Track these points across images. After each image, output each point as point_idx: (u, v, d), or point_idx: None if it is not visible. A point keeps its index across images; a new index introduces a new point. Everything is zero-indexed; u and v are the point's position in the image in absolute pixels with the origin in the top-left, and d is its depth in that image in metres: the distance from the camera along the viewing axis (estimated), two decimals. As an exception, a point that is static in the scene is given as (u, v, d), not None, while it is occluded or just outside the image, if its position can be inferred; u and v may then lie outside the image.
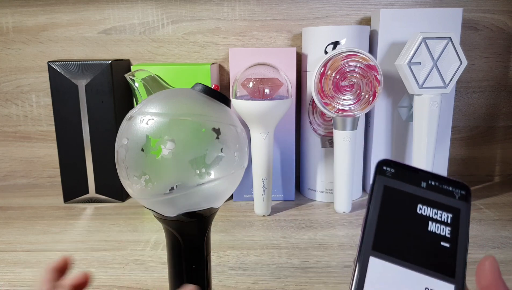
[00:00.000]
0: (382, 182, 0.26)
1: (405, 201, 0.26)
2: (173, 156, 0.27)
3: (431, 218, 0.25)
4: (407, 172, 0.26)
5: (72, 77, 0.65)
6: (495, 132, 0.78)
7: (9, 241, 0.56)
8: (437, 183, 0.26)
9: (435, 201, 0.26)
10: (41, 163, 0.80)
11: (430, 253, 0.24)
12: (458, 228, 0.25)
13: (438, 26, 0.64)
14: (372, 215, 0.25)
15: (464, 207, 0.26)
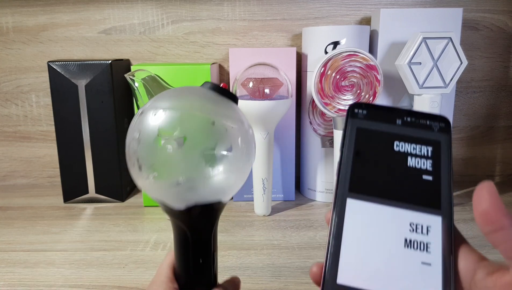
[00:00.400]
0: (355, 125, 0.25)
1: (380, 140, 0.24)
2: (183, 149, 0.28)
3: (410, 154, 0.24)
4: (380, 112, 0.25)
5: (72, 77, 0.65)
6: (495, 132, 0.78)
7: (9, 241, 0.56)
8: (413, 118, 0.25)
9: (413, 136, 0.24)
10: (41, 163, 0.80)
11: (412, 187, 0.23)
12: (440, 160, 0.24)
13: (438, 26, 0.64)
14: (346, 158, 0.24)
15: (444, 139, 0.24)
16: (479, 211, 0.21)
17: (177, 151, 0.28)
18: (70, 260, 0.51)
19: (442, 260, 0.22)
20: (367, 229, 0.22)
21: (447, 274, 0.22)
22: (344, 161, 0.24)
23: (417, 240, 0.22)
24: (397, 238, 0.22)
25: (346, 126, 0.25)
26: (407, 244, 0.22)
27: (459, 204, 0.67)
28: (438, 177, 0.23)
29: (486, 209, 0.21)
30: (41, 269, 0.49)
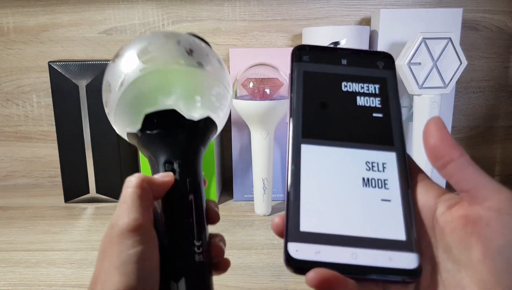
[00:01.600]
0: (301, 68, 0.25)
1: (327, 81, 0.24)
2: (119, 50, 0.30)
3: (358, 93, 0.24)
4: (325, 53, 0.25)
5: (73, 77, 0.65)
6: (495, 132, 0.78)
7: (10, 240, 0.57)
8: (358, 57, 0.25)
9: (359, 76, 0.24)
10: (42, 163, 0.81)
11: (364, 126, 0.23)
12: (388, 96, 0.24)
13: (438, 26, 0.64)
14: (296, 103, 0.24)
15: (390, 75, 0.25)
16: (428, 147, 0.22)
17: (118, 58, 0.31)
18: (71, 260, 0.51)
19: (400, 195, 0.22)
20: (324, 173, 0.22)
21: (407, 208, 0.22)
22: (294, 107, 0.24)
23: (374, 178, 0.22)
24: (355, 178, 0.22)
25: (292, 71, 0.25)
26: (365, 183, 0.22)
27: (459, 204, 0.67)
28: (388, 114, 0.24)
29: (435, 144, 0.21)
30: (42, 269, 0.49)
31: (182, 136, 0.29)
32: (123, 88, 0.29)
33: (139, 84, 0.28)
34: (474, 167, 0.21)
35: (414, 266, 0.20)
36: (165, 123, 0.28)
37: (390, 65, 0.25)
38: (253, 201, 0.65)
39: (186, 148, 0.29)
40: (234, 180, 0.70)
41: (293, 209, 0.21)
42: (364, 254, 0.20)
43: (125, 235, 0.23)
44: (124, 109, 0.29)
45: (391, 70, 0.25)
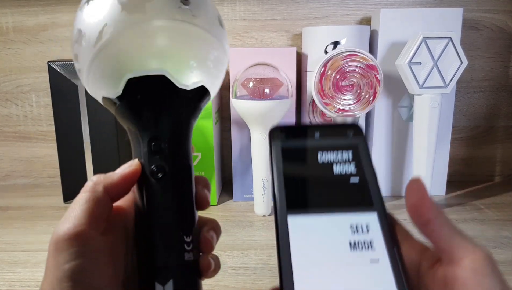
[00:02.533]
0: (278, 146, 0.26)
1: (304, 155, 0.26)
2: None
3: (334, 161, 0.25)
4: (298, 130, 0.27)
5: (72, 77, 0.65)
6: (496, 132, 0.78)
7: (9, 241, 0.56)
8: (328, 130, 0.27)
9: (333, 145, 0.26)
10: (41, 163, 0.80)
11: (343, 192, 0.25)
12: (361, 161, 0.25)
13: (438, 26, 0.64)
14: (278, 178, 0.25)
15: (360, 141, 0.26)
16: (409, 205, 0.22)
17: (92, 2, 0.24)
18: (70, 260, 0.51)
19: (387, 253, 0.23)
20: (313, 241, 0.23)
21: (395, 266, 0.22)
22: (276, 183, 0.25)
23: (360, 240, 0.23)
24: (342, 243, 0.23)
25: (270, 149, 0.26)
26: (353, 246, 0.23)
27: (459, 204, 0.67)
28: (364, 177, 0.25)
29: (414, 203, 0.22)
30: (41, 269, 0.48)
31: (171, 107, 0.25)
32: (101, 43, 0.23)
33: (122, 40, 0.23)
34: (450, 227, 0.22)
35: None
36: (151, 91, 0.24)
37: (359, 132, 0.27)
38: (253, 201, 0.65)
39: (177, 122, 0.25)
40: (234, 180, 0.70)
41: (287, 280, 0.22)
42: None
43: (60, 245, 0.20)
44: (100, 68, 0.24)
45: (360, 137, 0.27)
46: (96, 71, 0.24)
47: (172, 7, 0.24)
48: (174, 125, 0.25)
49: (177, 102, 0.25)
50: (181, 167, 0.25)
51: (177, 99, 0.25)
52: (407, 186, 0.23)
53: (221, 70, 0.27)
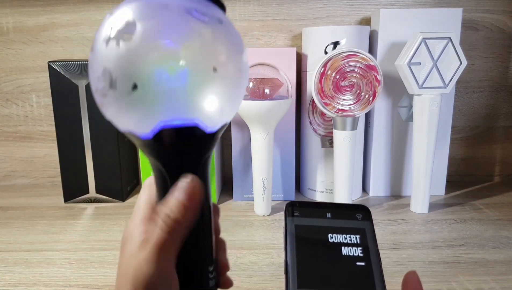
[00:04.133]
0: (293, 222, 0.28)
1: (316, 234, 0.28)
2: (132, 40, 0.22)
3: (343, 243, 0.27)
4: (311, 208, 0.29)
5: (73, 77, 0.65)
6: (495, 132, 0.78)
7: (9, 241, 0.56)
8: (339, 210, 0.29)
9: (342, 227, 0.28)
10: (42, 163, 0.81)
11: (349, 275, 0.26)
12: (368, 245, 0.27)
13: (438, 26, 0.64)
14: (291, 255, 0.27)
15: (367, 226, 0.28)
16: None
17: (126, 45, 0.22)
18: (71, 260, 0.51)
19: None
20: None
21: None
22: (289, 258, 0.27)
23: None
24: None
25: (286, 225, 0.28)
26: None
27: (458, 204, 0.67)
28: (369, 262, 0.27)
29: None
30: (42, 269, 0.49)
31: (200, 150, 0.25)
32: (139, 93, 0.22)
33: (162, 88, 0.22)
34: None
35: None
36: (182, 139, 0.24)
37: (367, 216, 0.29)
38: (253, 201, 0.65)
39: (203, 161, 0.26)
40: (234, 180, 0.70)
41: None
42: None
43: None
44: (130, 111, 0.23)
45: (368, 221, 0.28)
46: (125, 113, 0.24)
47: (210, 58, 0.23)
48: (200, 163, 0.26)
49: (205, 145, 0.26)
50: (207, 201, 0.27)
51: (206, 142, 0.26)
52: (403, 280, 0.25)
53: (240, 103, 0.27)
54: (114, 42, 0.22)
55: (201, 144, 0.25)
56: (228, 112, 0.26)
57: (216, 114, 0.25)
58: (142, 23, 0.22)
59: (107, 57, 0.22)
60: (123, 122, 0.24)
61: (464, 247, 0.53)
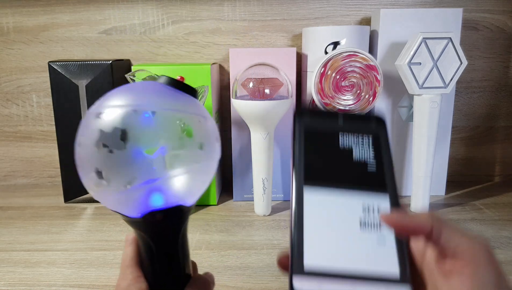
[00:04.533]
0: (303, 122, 0.27)
1: (327, 136, 0.27)
2: (126, 149, 0.25)
3: (354, 147, 0.26)
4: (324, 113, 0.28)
5: (73, 77, 0.65)
6: (495, 132, 0.78)
7: (10, 241, 0.56)
8: (352, 118, 0.28)
9: (355, 131, 0.27)
10: (42, 163, 0.81)
11: (360, 174, 0.26)
12: (381, 149, 0.27)
13: (438, 26, 0.64)
14: (299, 153, 0.26)
15: (381, 131, 0.27)
16: (412, 228, 0.23)
17: (119, 152, 0.25)
18: (71, 260, 0.51)
19: (394, 238, 0.24)
20: (325, 214, 0.24)
21: (400, 247, 0.24)
22: (296, 157, 0.26)
23: (370, 220, 0.24)
24: (353, 220, 0.24)
25: (294, 126, 0.27)
26: (363, 225, 0.24)
27: (459, 204, 0.67)
28: (381, 165, 0.26)
29: (406, 230, 0.23)
30: (42, 269, 0.49)
31: (183, 219, 0.29)
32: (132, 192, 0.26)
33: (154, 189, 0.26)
34: (446, 227, 0.23)
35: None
36: (167, 217, 0.28)
37: (382, 123, 0.28)
38: (253, 201, 0.65)
39: (183, 231, 0.30)
40: (234, 180, 0.70)
41: (298, 246, 0.23)
42: (362, 288, 0.22)
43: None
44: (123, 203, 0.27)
45: (382, 127, 0.28)
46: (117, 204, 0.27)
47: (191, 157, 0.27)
48: (182, 227, 0.30)
49: (187, 214, 0.30)
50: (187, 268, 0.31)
51: (188, 212, 0.29)
52: (387, 221, 0.24)
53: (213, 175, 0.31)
54: (106, 149, 0.25)
55: (182, 216, 0.29)
56: (204, 189, 0.30)
57: (197, 194, 0.29)
58: (133, 132, 0.25)
59: (99, 160, 0.26)
60: (113, 207, 0.28)
61: (464, 247, 0.53)
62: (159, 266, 0.29)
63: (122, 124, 0.25)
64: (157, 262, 0.29)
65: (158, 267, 0.29)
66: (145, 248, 0.29)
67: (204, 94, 0.60)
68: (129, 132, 0.25)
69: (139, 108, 0.26)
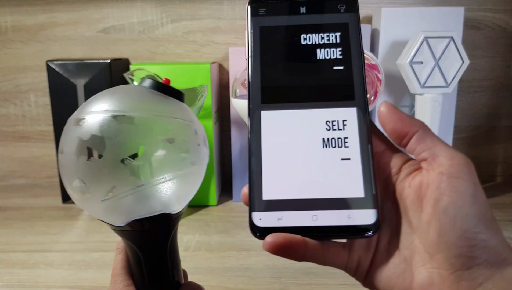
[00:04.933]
0: (257, 24, 0.24)
1: (286, 35, 0.23)
2: (104, 156, 0.24)
3: (318, 45, 0.23)
4: (282, 3, 0.24)
5: (71, 77, 0.65)
6: (497, 132, 0.78)
7: (8, 241, 0.56)
8: (317, 3, 0.24)
9: (319, 24, 0.23)
10: (40, 163, 0.80)
11: (324, 83, 0.23)
12: (350, 44, 0.23)
13: (439, 25, 0.64)
14: (254, 65, 0.23)
15: (352, 19, 0.23)
16: (389, 131, 0.23)
17: (96, 160, 0.25)
18: (69, 261, 0.50)
19: (360, 152, 0.22)
20: (285, 137, 0.22)
21: (366, 165, 0.22)
22: (252, 70, 0.23)
23: (334, 137, 0.22)
24: (315, 140, 0.22)
25: (248, 28, 0.24)
26: (325, 144, 0.22)
27: (460, 204, 0.67)
28: (349, 65, 0.23)
29: (394, 126, 0.23)
30: (40, 270, 0.48)
31: (168, 228, 0.29)
32: (109, 201, 0.25)
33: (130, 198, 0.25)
34: (432, 137, 0.22)
35: (372, 221, 0.21)
36: (152, 225, 0.27)
37: (353, 6, 0.23)
38: (253, 201, 0.65)
39: (173, 234, 0.29)
40: (233, 180, 0.70)
41: (256, 178, 0.22)
42: (324, 215, 0.21)
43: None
44: (105, 212, 0.26)
45: (354, 12, 0.23)
46: (100, 213, 0.27)
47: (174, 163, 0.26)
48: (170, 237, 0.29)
49: (173, 223, 0.29)
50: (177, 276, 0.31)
51: (173, 222, 0.28)
52: (378, 114, 0.23)
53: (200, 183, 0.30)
54: (85, 157, 0.25)
55: (168, 224, 0.28)
56: (191, 196, 0.29)
57: (184, 202, 0.28)
58: (111, 139, 0.24)
59: (79, 168, 0.25)
60: (97, 216, 0.27)
61: (466, 248, 0.52)
62: (147, 275, 0.29)
63: (100, 131, 0.24)
64: (145, 270, 0.29)
65: (146, 275, 0.29)
66: (133, 256, 0.29)
67: (203, 94, 0.59)
68: (107, 139, 0.24)
69: (118, 114, 0.25)
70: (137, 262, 0.29)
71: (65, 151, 0.26)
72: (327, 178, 0.22)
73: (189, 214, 0.64)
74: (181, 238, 0.56)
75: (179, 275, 0.31)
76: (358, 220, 0.21)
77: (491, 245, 0.20)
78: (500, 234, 0.21)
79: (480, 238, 0.20)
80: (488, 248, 0.20)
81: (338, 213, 0.21)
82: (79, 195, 0.26)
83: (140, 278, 0.29)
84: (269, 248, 0.21)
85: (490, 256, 0.20)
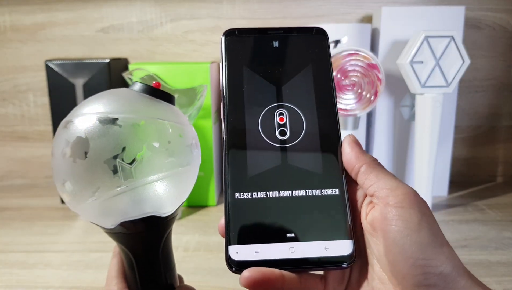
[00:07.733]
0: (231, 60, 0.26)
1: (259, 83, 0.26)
2: (87, 158, 0.25)
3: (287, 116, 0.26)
4: (254, 38, 0.27)
5: (70, 76, 0.64)
6: (498, 131, 0.77)
7: (7, 242, 0.56)
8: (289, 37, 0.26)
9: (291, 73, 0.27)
10: (39, 163, 0.80)
11: None
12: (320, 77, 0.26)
13: (440, 24, 0.64)
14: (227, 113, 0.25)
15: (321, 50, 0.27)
16: (344, 161, 0.24)
17: (81, 161, 0.25)
18: (68, 262, 0.50)
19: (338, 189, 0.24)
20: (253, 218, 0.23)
21: (341, 195, 0.24)
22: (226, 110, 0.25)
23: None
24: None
25: (222, 61, 0.25)
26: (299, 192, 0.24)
27: (461, 205, 0.66)
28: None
29: (346, 158, 0.24)
30: (39, 270, 0.48)
31: (158, 231, 0.28)
32: (95, 201, 0.25)
33: (117, 199, 0.26)
34: (377, 171, 0.23)
35: (349, 252, 0.22)
36: (141, 227, 0.27)
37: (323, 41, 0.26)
38: (253, 201, 0.64)
39: (165, 237, 0.29)
40: (233, 180, 0.69)
41: (232, 211, 0.23)
42: (301, 247, 0.22)
43: None
44: (92, 213, 0.26)
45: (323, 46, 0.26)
46: (87, 214, 0.27)
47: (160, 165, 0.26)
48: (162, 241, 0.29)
49: (164, 226, 0.28)
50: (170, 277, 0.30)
51: (164, 224, 0.28)
52: (342, 145, 0.25)
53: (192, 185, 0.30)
54: (71, 159, 0.25)
55: (159, 227, 0.28)
56: (182, 199, 0.29)
57: (175, 204, 0.28)
58: (95, 141, 0.25)
59: (65, 170, 0.25)
60: (87, 218, 0.27)
61: (466, 249, 0.52)
62: (139, 278, 0.29)
63: (84, 132, 0.25)
64: (137, 273, 0.29)
65: (138, 278, 0.29)
66: (126, 259, 0.29)
67: (202, 94, 0.59)
68: (91, 140, 0.25)
69: (102, 116, 0.25)
70: (129, 265, 0.29)
71: (54, 153, 0.26)
72: (303, 210, 0.23)
73: (189, 215, 0.64)
74: (180, 238, 0.56)
75: (173, 279, 0.31)
76: (335, 251, 0.22)
77: (446, 271, 0.20)
78: (453, 258, 0.21)
79: (433, 264, 0.20)
80: (444, 274, 0.20)
81: (315, 245, 0.22)
82: (68, 196, 0.26)
83: (133, 281, 0.29)
84: (246, 284, 0.21)
85: (448, 283, 0.20)
